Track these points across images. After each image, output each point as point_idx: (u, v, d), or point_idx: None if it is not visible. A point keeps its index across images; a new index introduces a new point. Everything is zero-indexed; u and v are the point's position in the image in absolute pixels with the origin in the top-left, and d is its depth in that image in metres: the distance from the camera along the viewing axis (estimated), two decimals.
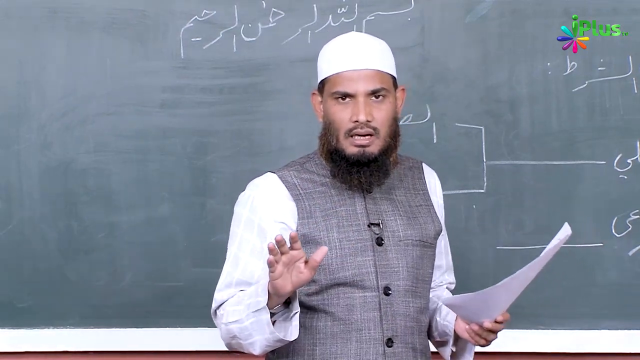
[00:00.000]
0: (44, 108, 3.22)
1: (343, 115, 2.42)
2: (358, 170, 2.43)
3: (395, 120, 2.47)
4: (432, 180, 2.63)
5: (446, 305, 2.45)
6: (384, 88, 2.43)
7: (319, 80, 2.49)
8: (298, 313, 2.33)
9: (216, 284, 2.48)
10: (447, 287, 2.70)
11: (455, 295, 2.47)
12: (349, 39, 2.50)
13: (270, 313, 2.31)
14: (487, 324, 2.38)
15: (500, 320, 2.39)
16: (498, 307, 2.36)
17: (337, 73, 2.43)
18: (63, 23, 3.21)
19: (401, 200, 2.52)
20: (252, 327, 2.33)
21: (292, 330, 2.33)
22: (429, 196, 2.59)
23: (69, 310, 3.23)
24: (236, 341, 2.39)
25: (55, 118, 3.21)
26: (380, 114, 2.42)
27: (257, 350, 2.36)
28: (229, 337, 2.40)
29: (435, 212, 2.58)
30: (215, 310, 2.45)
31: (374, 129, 2.42)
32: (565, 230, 2.32)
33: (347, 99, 2.42)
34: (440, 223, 2.59)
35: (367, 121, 2.40)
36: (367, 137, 2.42)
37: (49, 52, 3.21)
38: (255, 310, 2.31)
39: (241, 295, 2.39)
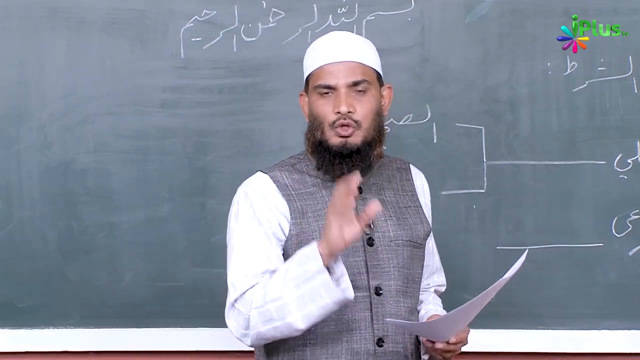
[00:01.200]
0: (44, 108, 3.22)
1: (326, 108, 2.44)
2: (341, 161, 2.43)
3: (379, 115, 2.49)
4: (419, 181, 2.63)
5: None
6: (365, 80, 2.45)
7: (304, 80, 2.51)
8: (346, 274, 2.30)
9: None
10: (436, 290, 2.69)
11: (405, 322, 2.46)
12: (330, 36, 2.54)
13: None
14: (439, 345, 2.39)
15: (454, 342, 2.39)
16: (451, 331, 2.37)
17: (319, 67, 2.46)
18: (63, 23, 3.21)
19: (391, 201, 2.53)
20: (297, 301, 2.29)
21: (347, 290, 2.29)
22: (417, 197, 2.59)
23: (69, 310, 3.23)
24: (270, 326, 2.33)
25: (55, 118, 3.21)
26: (362, 106, 2.44)
27: (300, 324, 2.31)
28: (263, 322, 2.33)
29: (424, 213, 2.59)
30: (236, 300, 2.38)
31: (356, 121, 2.43)
32: (522, 258, 2.33)
33: (330, 92, 2.44)
34: (429, 224, 2.59)
35: (349, 112, 2.41)
36: (350, 128, 2.42)
37: (49, 52, 3.21)
38: (305, 279, 2.28)
39: (274, 276, 2.35)
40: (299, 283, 2.30)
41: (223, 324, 2.48)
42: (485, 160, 3.19)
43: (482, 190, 3.20)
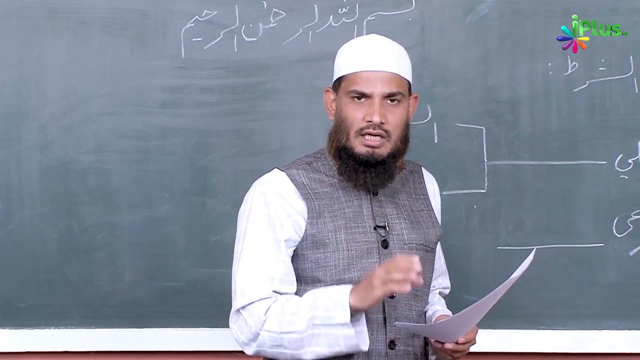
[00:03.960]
0: (44, 108, 3.21)
1: (357, 114, 2.42)
2: (365, 170, 2.42)
3: (407, 125, 2.48)
4: (431, 185, 2.64)
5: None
6: (400, 92, 2.44)
7: (335, 78, 2.49)
8: (366, 330, 2.33)
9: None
10: (440, 292, 2.70)
11: (414, 325, 2.46)
12: (370, 40, 2.51)
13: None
14: (449, 345, 2.40)
15: (463, 342, 2.40)
16: (460, 331, 2.38)
17: (356, 72, 2.44)
18: (63, 23, 3.21)
19: (404, 204, 2.53)
20: (312, 339, 2.31)
21: (364, 344, 2.33)
22: (429, 201, 2.60)
23: (69, 310, 3.23)
24: (278, 351, 2.36)
25: (55, 118, 3.21)
26: (393, 118, 2.43)
27: (308, 356, 2.34)
28: (272, 346, 2.36)
29: (436, 217, 2.59)
30: (244, 307, 2.38)
31: (386, 131, 2.42)
32: (530, 257, 2.33)
33: (363, 99, 2.43)
34: (440, 228, 2.59)
35: (381, 123, 2.40)
36: (377, 138, 2.41)
37: (49, 52, 3.21)
38: (328, 325, 2.30)
39: (292, 305, 2.36)
40: (319, 324, 2.31)
41: (223, 324, 2.48)
42: (485, 160, 3.19)
43: (483, 190, 3.20)
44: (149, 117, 3.21)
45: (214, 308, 3.11)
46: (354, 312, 2.30)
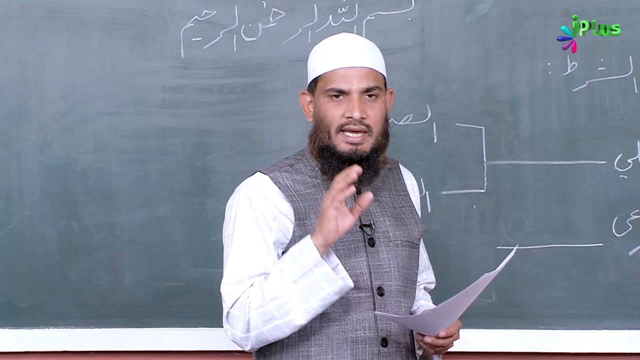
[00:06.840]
0: (44, 108, 3.22)
1: (336, 112, 2.43)
2: (349, 167, 2.42)
3: (386, 120, 2.48)
4: (409, 180, 2.64)
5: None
6: (377, 87, 2.44)
7: (310, 80, 2.50)
8: (341, 264, 2.33)
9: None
10: (425, 287, 2.69)
11: (394, 315, 2.46)
12: (341, 39, 2.51)
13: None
14: (428, 339, 2.39)
15: (443, 336, 2.39)
16: (440, 324, 2.37)
17: (332, 70, 2.44)
18: (63, 23, 3.21)
19: (387, 201, 2.53)
20: (297, 297, 2.30)
21: (346, 278, 2.31)
22: (409, 197, 2.60)
23: (69, 310, 3.23)
24: (271, 325, 2.34)
25: (55, 118, 3.21)
26: (373, 112, 2.43)
27: (300, 320, 2.32)
28: (264, 322, 2.34)
29: (417, 213, 2.59)
30: (232, 306, 2.37)
31: (367, 126, 2.42)
32: (511, 254, 2.33)
33: (341, 97, 2.43)
34: (422, 224, 2.59)
35: (361, 118, 2.41)
36: (360, 134, 2.42)
37: (49, 52, 3.21)
38: (303, 274, 2.30)
39: (270, 276, 2.35)
40: (296, 279, 2.31)
41: (223, 324, 2.47)
42: (485, 160, 3.19)
43: (482, 190, 3.20)
44: (149, 117, 3.21)
45: (214, 308, 3.07)
46: (324, 252, 2.30)
